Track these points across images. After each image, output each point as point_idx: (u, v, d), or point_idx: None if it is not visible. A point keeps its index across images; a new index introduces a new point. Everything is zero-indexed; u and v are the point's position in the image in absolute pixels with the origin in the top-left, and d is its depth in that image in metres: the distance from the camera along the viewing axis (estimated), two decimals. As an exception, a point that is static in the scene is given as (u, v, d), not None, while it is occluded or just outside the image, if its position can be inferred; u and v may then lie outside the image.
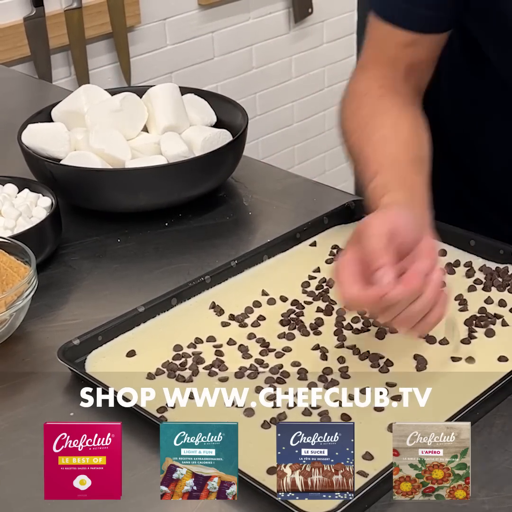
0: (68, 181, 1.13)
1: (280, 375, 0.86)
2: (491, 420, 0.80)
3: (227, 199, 1.20)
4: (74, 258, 1.08)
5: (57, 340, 0.89)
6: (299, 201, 1.21)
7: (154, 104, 1.20)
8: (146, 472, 0.76)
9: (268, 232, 1.10)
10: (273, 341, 0.91)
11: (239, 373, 0.86)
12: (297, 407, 0.81)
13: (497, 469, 0.76)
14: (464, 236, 1.04)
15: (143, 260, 1.08)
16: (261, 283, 1.00)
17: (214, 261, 1.04)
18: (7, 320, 0.90)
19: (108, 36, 2.20)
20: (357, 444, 0.72)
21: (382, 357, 0.88)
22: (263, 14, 2.51)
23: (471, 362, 0.87)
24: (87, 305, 1.00)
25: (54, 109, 1.24)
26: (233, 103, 1.24)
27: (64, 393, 0.86)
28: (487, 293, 0.97)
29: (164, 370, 0.87)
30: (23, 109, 1.41)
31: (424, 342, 0.90)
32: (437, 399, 0.81)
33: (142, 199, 1.12)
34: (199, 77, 2.41)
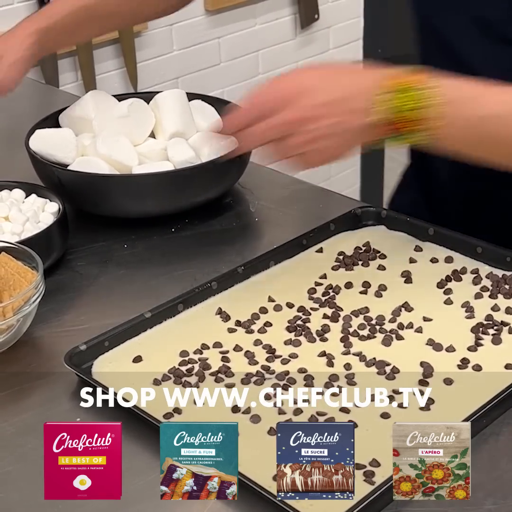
0: (75, 186, 1.13)
1: (287, 381, 0.86)
2: (498, 428, 0.80)
3: (234, 205, 1.20)
4: (81, 264, 1.08)
5: (64, 345, 0.89)
6: (306, 207, 1.21)
7: (161, 110, 1.20)
8: (146, 472, 0.76)
9: (274, 238, 1.10)
10: (280, 348, 0.91)
11: (245, 379, 0.86)
12: (303, 414, 0.81)
13: (504, 477, 0.76)
14: (471, 243, 1.04)
15: (149, 266, 1.08)
16: (268, 289, 1.00)
17: (220, 267, 1.04)
18: (14, 325, 0.90)
19: (115, 41, 2.21)
20: (364, 451, 0.73)
21: (389, 364, 0.88)
22: (269, 20, 2.52)
23: (478, 369, 0.87)
24: (94, 311, 1.00)
25: (62, 114, 1.24)
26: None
27: (70, 399, 0.86)
28: (493, 300, 0.97)
29: (171, 376, 0.87)
30: (30, 114, 1.42)
31: (431, 349, 0.90)
32: (444, 407, 0.82)
33: (149, 204, 1.12)
34: (205, 82, 2.41)
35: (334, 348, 0.90)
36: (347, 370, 0.87)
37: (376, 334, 0.92)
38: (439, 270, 1.02)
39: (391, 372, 0.86)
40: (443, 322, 0.94)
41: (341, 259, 1.05)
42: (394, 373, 0.86)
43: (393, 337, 0.92)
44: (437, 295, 0.98)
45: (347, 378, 0.86)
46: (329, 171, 2.83)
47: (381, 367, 0.87)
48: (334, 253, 1.06)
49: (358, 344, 0.91)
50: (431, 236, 1.07)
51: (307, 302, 0.98)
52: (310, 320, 0.95)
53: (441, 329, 0.93)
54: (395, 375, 0.86)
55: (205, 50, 2.41)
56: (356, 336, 0.92)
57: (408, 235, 1.09)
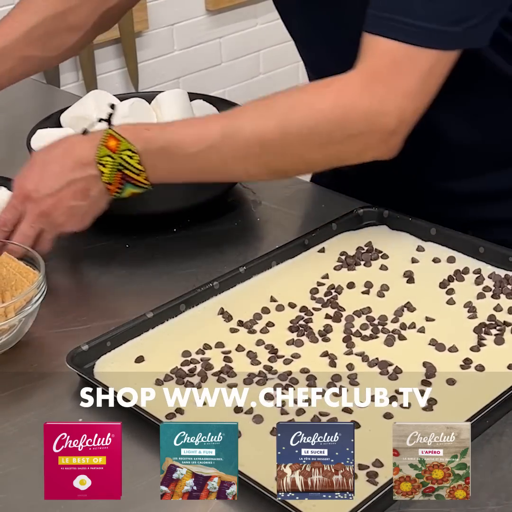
0: (76, 186, 1.12)
1: (289, 381, 0.86)
2: (501, 428, 0.80)
3: (236, 205, 1.20)
4: (82, 264, 1.08)
5: (66, 345, 0.89)
6: (307, 208, 1.21)
7: (163, 110, 1.20)
8: (146, 472, 0.76)
9: (276, 238, 1.10)
10: (282, 348, 0.91)
11: (247, 380, 0.86)
12: (305, 414, 0.81)
13: (507, 477, 0.76)
14: (473, 243, 1.04)
15: (151, 266, 1.08)
16: (270, 289, 1.00)
17: (222, 267, 1.04)
18: (16, 326, 0.90)
19: (116, 41, 2.21)
20: (367, 451, 0.72)
21: (391, 364, 0.87)
22: (270, 20, 2.51)
23: (481, 370, 0.87)
24: (96, 311, 1.00)
25: (63, 114, 1.24)
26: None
27: (72, 399, 0.85)
28: (496, 300, 0.97)
29: (173, 376, 0.87)
30: (32, 114, 1.41)
31: (433, 349, 0.90)
32: (446, 407, 0.81)
33: (151, 205, 1.12)
34: (206, 82, 2.41)
35: (337, 348, 0.90)
36: (349, 370, 0.87)
37: (378, 334, 0.92)
38: (441, 270, 1.02)
39: (394, 372, 0.86)
40: (445, 322, 0.94)
41: (343, 259, 1.05)
42: (396, 373, 0.86)
43: (396, 337, 0.92)
44: (439, 295, 0.98)
45: (350, 378, 0.86)
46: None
47: (384, 367, 0.87)
48: (336, 253, 1.06)
49: (361, 344, 0.91)
50: (433, 236, 1.07)
51: (309, 302, 0.98)
52: (313, 320, 0.95)
53: (444, 329, 0.93)
54: (397, 375, 0.86)
55: (206, 50, 2.41)
56: (358, 336, 0.92)
57: (410, 235, 1.09)
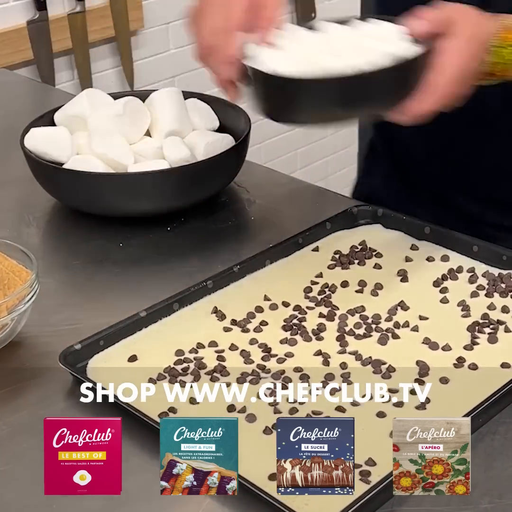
0: (70, 185, 1.12)
1: (282, 380, 0.86)
2: (494, 427, 0.80)
3: (230, 204, 1.20)
4: (76, 262, 1.08)
5: (59, 344, 0.89)
6: (302, 206, 1.21)
7: (157, 109, 1.20)
8: (146, 467, 0.76)
9: (270, 237, 1.10)
10: (275, 347, 0.91)
11: (241, 379, 0.86)
12: (298, 412, 0.81)
13: (500, 476, 0.76)
14: (467, 242, 1.04)
15: (145, 265, 1.08)
16: (263, 288, 1.00)
17: (216, 266, 1.04)
18: (8, 325, 0.89)
19: (111, 40, 2.20)
20: (360, 450, 0.72)
21: (385, 363, 0.87)
22: (266, 19, 2.51)
23: (474, 368, 0.87)
24: (89, 310, 0.99)
25: (57, 113, 1.24)
26: (236, 108, 1.24)
27: (65, 398, 0.85)
28: (490, 299, 0.97)
29: (166, 375, 0.87)
30: (26, 113, 1.41)
31: (427, 348, 0.90)
32: (440, 406, 0.81)
33: (145, 203, 1.12)
34: (202, 81, 2.39)
35: (330, 347, 0.90)
36: (343, 369, 0.87)
37: (372, 333, 0.92)
38: (435, 269, 1.02)
39: (387, 371, 0.86)
40: (439, 321, 0.94)
41: (337, 258, 1.05)
42: (390, 372, 0.86)
43: (389, 336, 0.92)
44: (433, 294, 0.98)
45: (343, 377, 0.86)
46: (326, 170, 2.83)
47: (377, 366, 0.87)
48: (330, 252, 1.06)
49: (354, 343, 0.91)
50: (427, 234, 1.07)
51: (303, 301, 0.98)
52: (306, 319, 0.95)
53: (437, 328, 0.93)
54: (391, 374, 0.86)
55: (202, 49, 2.40)
56: (352, 335, 0.92)
57: (404, 234, 1.09)
